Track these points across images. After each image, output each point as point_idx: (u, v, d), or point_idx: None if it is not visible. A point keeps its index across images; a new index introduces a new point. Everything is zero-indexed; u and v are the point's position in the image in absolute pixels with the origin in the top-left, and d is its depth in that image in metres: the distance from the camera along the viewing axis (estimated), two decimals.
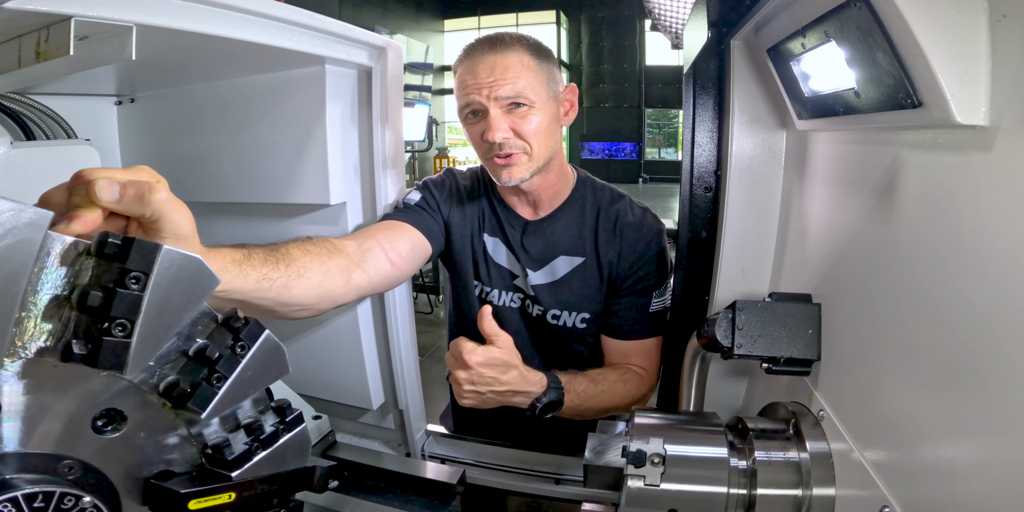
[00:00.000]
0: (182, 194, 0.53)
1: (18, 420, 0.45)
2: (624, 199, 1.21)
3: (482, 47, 1.05)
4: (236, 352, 0.57)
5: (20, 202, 0.41)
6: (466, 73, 1.05)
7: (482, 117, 1.05)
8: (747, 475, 0.70)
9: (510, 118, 1.04)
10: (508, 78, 1.02)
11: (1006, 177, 0.43)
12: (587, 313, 1.18)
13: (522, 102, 1.03)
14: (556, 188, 1.17)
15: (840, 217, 0.72)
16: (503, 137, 1.03)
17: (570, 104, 1.14)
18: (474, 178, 1.26)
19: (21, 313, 0.43)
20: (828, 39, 0.59)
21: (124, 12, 0.62)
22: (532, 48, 1.07)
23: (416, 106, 4.99)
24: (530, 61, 1.05)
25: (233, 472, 0.59)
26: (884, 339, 0.59)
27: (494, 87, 1.02)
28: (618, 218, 1.16)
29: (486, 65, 1.03)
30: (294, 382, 1.22)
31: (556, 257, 1.17)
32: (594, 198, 1.20)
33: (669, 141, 19.23)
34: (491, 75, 1.02)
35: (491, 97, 1.02)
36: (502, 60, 1.03)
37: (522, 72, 1.03)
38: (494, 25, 17.49)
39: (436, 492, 1.04)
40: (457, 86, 1.08)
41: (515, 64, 1.03)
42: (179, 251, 0.47)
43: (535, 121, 1.05)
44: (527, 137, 1.05)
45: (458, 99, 1.08)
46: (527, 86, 1.03)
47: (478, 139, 1.07)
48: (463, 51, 1.09)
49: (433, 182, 1.23)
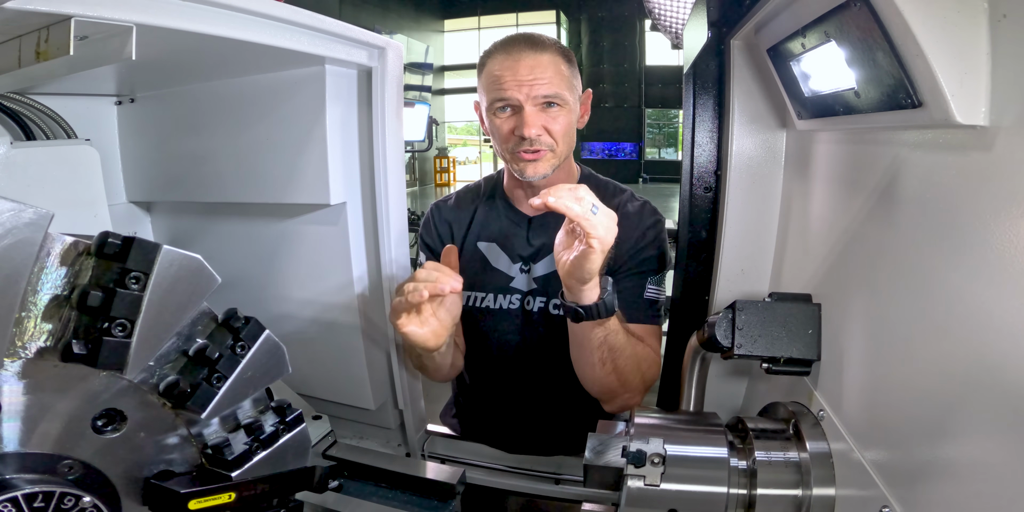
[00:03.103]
0: (182, 194, 0.53)
1: (18, 420, 0.45)
2: (625, 193, 1.25)
3: (521, 45, 1.09)
4: (236, 352, 0.57)
5: (20, 202, 0.41)
6: (503, 68, 1.08)
7: (514, 113, 1.09)
8: (747, 475, 0.70)
9: (543, 116, 1.08)
10: (546, 78, 1.06)
11: (1006, 177, 0.43)
12: None
13: (556, 102, 1.08)
14: (562, 183, 1.20)
15: (840, 217, 0.72)
16: (537, 133, 1.08)
17: (585, 108, 1.20)
18: (477, 189, 1.31)
19: (21, 313, 0.43)
20: (828, 39, 0.59)
21: (124, 12, 0.62)
22: (563, 52, 1.12)
23: (416, 106, 4.99)
24: (562, 63, 1.10)
25: (233, 472, 0.59)
26: (884, 339, 0.59)
27: (534, 86, 1.06)
28: (618, 209, 1.18)
29: (526, 63, 1.07)
30: (294, 382, 1.22)
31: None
32: (597, 192, 1.21)
33: (669, 141, 19.23)
34: (531, 73, 1.06)
35: (529, 95, 1.06)
36: (540, 60, 1.07)
37: (557, 74, 1.08)
38: (494, 25, 17.51)
39: (436, 492, 1.03)
40: (489, 80, 1.11)
41: (551, 65, 1.08)
42: (179, 251, 0.48)
43: (564, 121, 1.10)
44: (556, 136, 1.10)
45: (488, 92, 1.11)
46: (562, 88, 1.08)
47: (507, 133, 1.11)
48: (499, 46, 1.12)
49: (426, 232, 1.31)
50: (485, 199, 1.29)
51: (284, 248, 1.25)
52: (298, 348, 1.29)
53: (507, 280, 1.23)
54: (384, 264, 1.16)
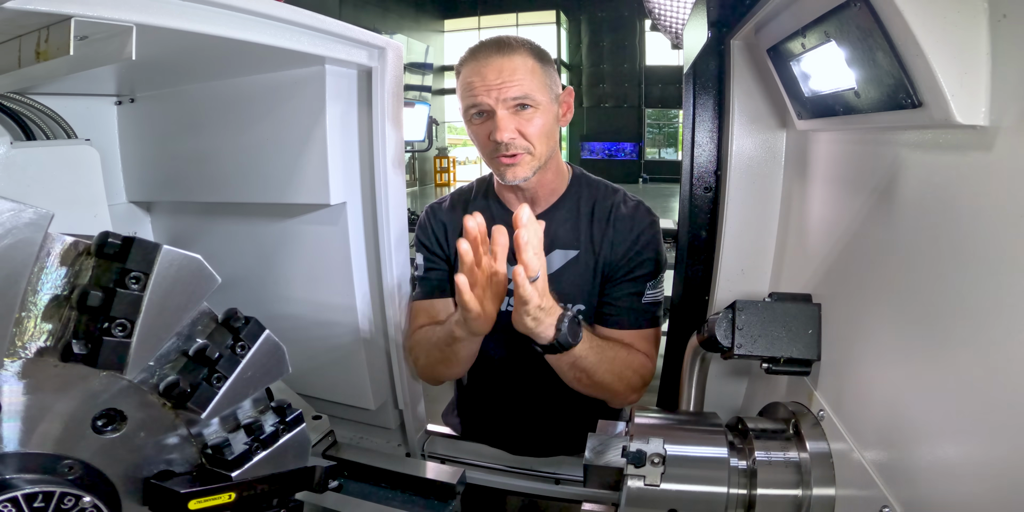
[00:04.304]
0: (182, 194, 0.53)
1: (18, 420, 0.45)
2: (618, 193, 1.23)
3: (488, 49, 1.08)
4: (236, 352, 0.57)
5: (20, 202, 0.41)
6: (472, 74, 1.07)
7: (488, 118, 1.08)
8: (747, 475, 0.70)
9: (516, 119, 1.07)
10: (515, 80, 1.05)
11: (1006, 177, 0.43)
12: (582, 305, 1.18)
13: (528, 103, 1.06)
14: (553, 185, 1.20)
15: (840, 217, 0.72)
16: (510, 137, 1.06)
17: (567, 106, 1.18)
18: (469, 190, 1.30)
19: (21, 313, 0.43)
20: (828, 39, 0.59)
21: (124, 12, 0.62)
22: (534, 52, 1.10)
23: (416, 106, 4.98)
24: (534, 64, 1.08)
25: (233, 472, 0.59)
26: (884, 339, 0.59)
27: (502, 89, 1.05)
28: (612, 211, 1.19)
29: (493, 67, 1.05)
30: (294, 382, 1.22)
31: (551, 251, 1.19)
32: (589, 193, 1.22)
33: (669, 141, 19.22)
34: (499, 77, 1.05)
35: (499, 99, 1.05)
36: (509, 63, 1.06)
37: (527, 75, 1.06)
38: (494, 25, 17.50)
39: (436, 492, 1.03)
40: (462, 87, 1.10)
41: (521, 67, 1.06)
42: (179, 251, 0.47)
43: (539, 122, 1.08)
44: (531, 138, 1.08)
45: (463, 100, 1.11)
46: (533, 88, 1.06)
47: (484, 139, 1.10)
48: (468, 53, 1.11)
49: (422, 233, 1.28)
50: (477, 200, 1.28)
51: (284, 248, 1.25)
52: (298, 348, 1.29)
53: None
54: (384, 264, 1.17)
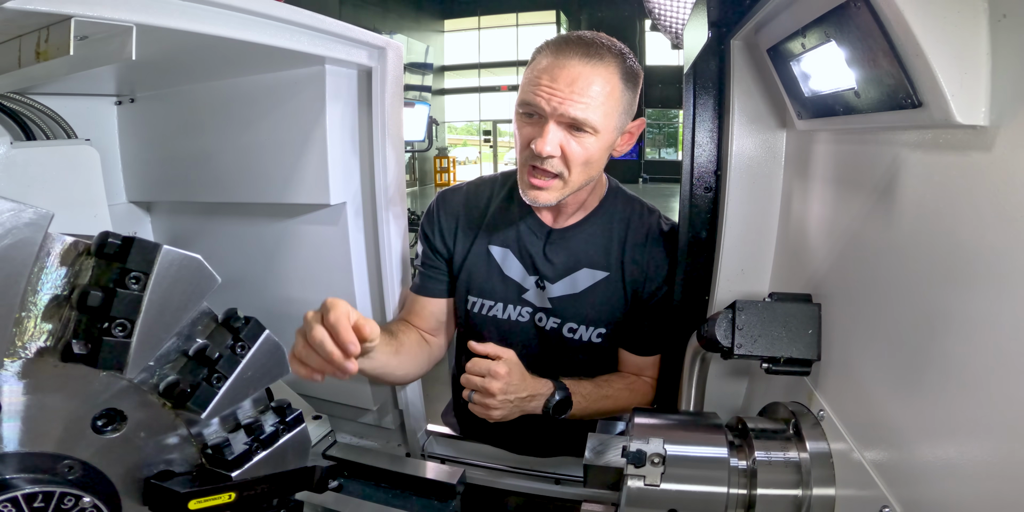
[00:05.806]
0: (182, 194, 0.53)
1: (18, 420, 0.45)
2: (654, 214, 1.16)
3: (573, 49, 0.94)
4: (236, 352, 0.57)
5: (20, 202, 0.41)
6: (544, 71, 0.95)
7: (537, 122, 0.97)
8: (747, 475, 0.70)
9: (564, 137, 0.96)
10: (585, 99, 0.93)
11: (1006, 177, 0.43)
12: (604, 328, 1.15)
13: (585, 128, 0.95)
14: (582, 199, 1.13)
15: (840, 217, 0.72)
16: (550, 153, 0.95)
17: (629, 137, 1.06)
18: (492, 183, 1.22)
19: (21, 313, 0.43)
20: (828, 39, 0.59)
21: (124, 12, 0.62)
22: (623, 69, 0.97)
23: (416, 106, 4.99)
24: (617, 84, 0.96)
25: (233, 472, 0.59)
26: (884, 339, 0.59)
27: (564, 103, 0.93)
28: (648, 234, 1.13)
29: (569, 73, 0.93)
30: (294, 382, 1.22)
31: (578, 269, 1.13)
32: (624, 211, 1.16)
33: (669, 141, 19.20)
34: (570, 88, 0.92)
35: (556, 110, 0.93)
36: (589, 74, 0.93)
37: (602, 96, 0.94)
38: (494, 25, 17.49)
39: (436, 492, 1.04)
40: (528, 78, 0.98)
41: (599, 84, 0.94)
42: (179, 251, 0.48)
43: (588, 150, 0.97)
44: (571, 162, 0.98)
45: (522, 91, 0.99)
46: (599, 114, 0.95)
47: (524, 141, 1.00)
48: (553, 43, 0.98)
49: (427, 222, 1.22)
50: (502, 199, 1.18)
51: (284, 248, 1.25)
52: None
53: (520, 291, 1.17)
54: (384, 264, 1.17)
